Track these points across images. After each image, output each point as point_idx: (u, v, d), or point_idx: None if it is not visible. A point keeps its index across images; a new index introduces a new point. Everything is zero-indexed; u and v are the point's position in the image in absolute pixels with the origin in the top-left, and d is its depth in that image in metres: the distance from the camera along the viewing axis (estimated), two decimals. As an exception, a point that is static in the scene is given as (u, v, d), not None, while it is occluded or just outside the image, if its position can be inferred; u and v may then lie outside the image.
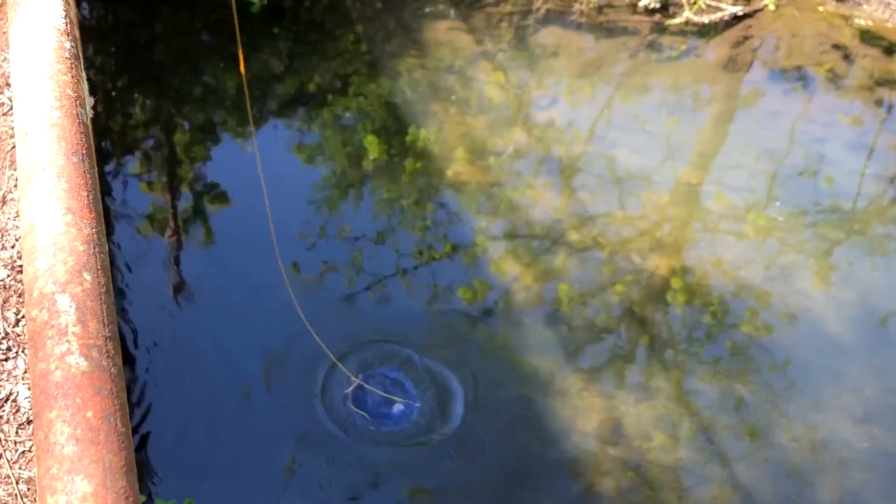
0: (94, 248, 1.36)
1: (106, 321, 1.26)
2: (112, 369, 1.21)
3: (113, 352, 1.24)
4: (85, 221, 1.39)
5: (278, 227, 3.95)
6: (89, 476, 1.10)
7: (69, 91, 1.58)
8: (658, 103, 4.80)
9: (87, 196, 1.44)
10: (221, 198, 4.18)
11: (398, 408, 3.27)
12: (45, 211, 1.39)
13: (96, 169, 1.49)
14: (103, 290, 1.30)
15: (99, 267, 1.32)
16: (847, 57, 5.01)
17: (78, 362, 1.21)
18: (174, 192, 4.22)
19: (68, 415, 1.17)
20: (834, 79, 4.90)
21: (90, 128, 1.50)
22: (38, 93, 1.54)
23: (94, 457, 1.12)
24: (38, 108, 1.50)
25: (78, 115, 1.52)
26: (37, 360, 1.22)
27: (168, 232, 4.01)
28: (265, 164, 4.40)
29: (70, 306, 1.27)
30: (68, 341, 1.22)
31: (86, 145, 1.50)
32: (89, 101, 1.65)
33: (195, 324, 3.54)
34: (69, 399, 1.17)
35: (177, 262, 3.89)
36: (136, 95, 4.58)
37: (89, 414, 1.17)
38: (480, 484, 3.12)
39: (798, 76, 4.93)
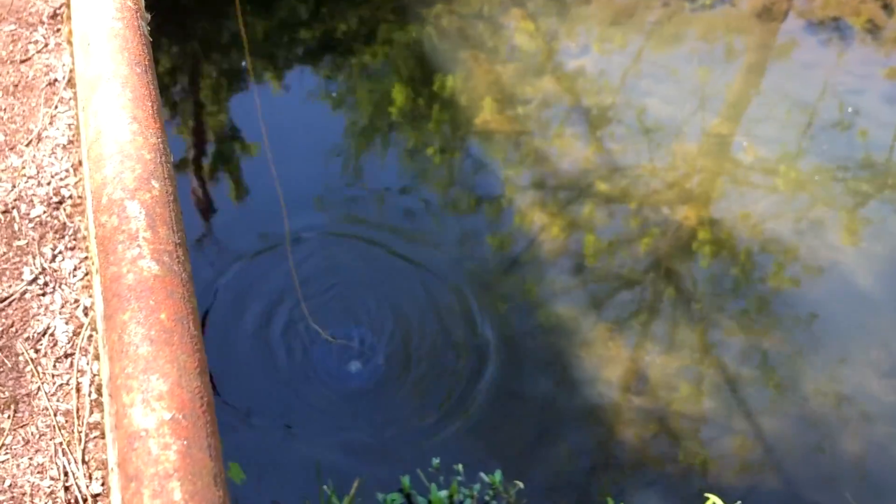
0: (161, 158, 1.36)
1: (175, 228, 1.26)
2: (183, 274, 1.21)
3: (183, 258, 1.24)
4: (151, 131, 1.39)
5: (303, 174, 3.94)
6: (164, 375, 1.11)
7: (130, 3, 1.56)
8: (690, 53, 4.73)
9: (152, 106, 1.44)
10: (244, 143, 4.17)
11: (357, 365, 3.27)
12: (111, 119, 1.38)
13: (157, 81, 1.49)
14: (171, 198, 1.30)
15: (166, 176, 1.32)
16: (886, 7, 4.91)
17: (150, 266, 1.21)
18: (199, 136, 4.21)
19: (142, 316, 1.17)
20: (872, 30, 4.82)
21: (150, 41, 1.49)
22: (100, 3, 1.52)
23: (169, 357, 1.12)
24: (100, 19, 1.49)
25: (139, 26, 1.51)
26: (108, 265, 1.22)
27: (191, 177, 4.00)
28: (289, 111, 4.38)
29: (140, 212, 1.26)
30: (139, 246, 1.22)
31: (148, 57, 1.50)
32: (146, 16, 1.63)
33: (209, 270, 3.53)
34: (142, 301, 1.17)
35: (201, 210, 3.88)
36: (161, 40, 4.55)
37: (163, 316, 1.17)
38: (505, 431, 3.13)
39: (834, 27, 4.85)
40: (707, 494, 2.77)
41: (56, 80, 2.82)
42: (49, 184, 2.54)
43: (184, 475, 1.03)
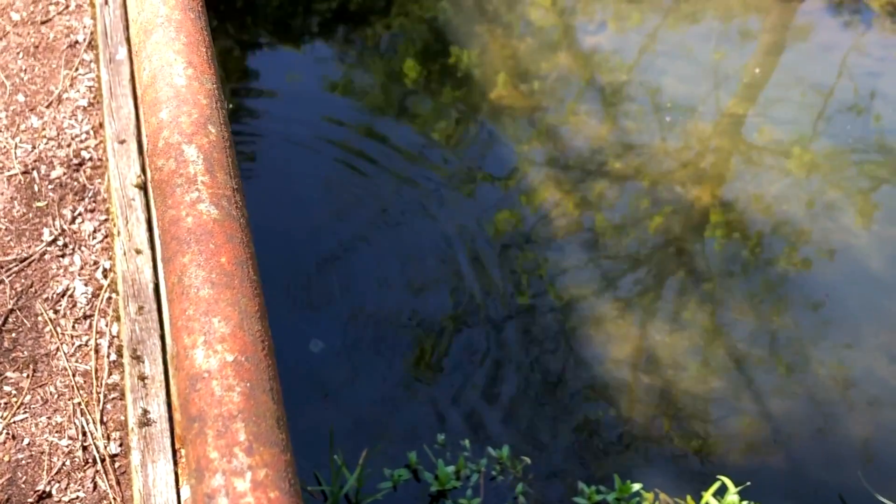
0: (217, 103, 1.34)
1: (232, 174, 1.24)
2: (241, 220, 1.19)
3: (241, 204, 1.22)
4: (206, 76, 1.37)
5: (313, 149, 3.91)
6: (226, 318, 1.09)
7: (178, -54, 1.53)
8: (707, 32, 4.71)
9: (206, 52, 1.42)
10: (257, 114, 4.13)
11: (319, 345, 3.26)
12: (166, 63, 1.35)
13: (209, 27, 1.47)
14: (227, 143, 1.28)
15: (222, 122, 1.30)
16: (907, -11, 4.91)
17: (209, 210, 1.19)
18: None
19: (202, 259, 1.15)
20: (892, 12, 4.81)
21: (199, -15, 1.48)
22: (150, -56, 1.50)
23: (230, 300, 1.10)
24: (150, -40, 1.46)
25: (189, -31, 1.49)
26: (166, 208, 1.21)
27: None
28: (302, 83, 4.33)
29: (198, 156, 1.24)
30: (198, 190, 1.20)
31: (200, 2, 1.47)
32: (193, -39, 1.61)
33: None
34: (202, 244, 1.15)
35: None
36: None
37: (223, 259, 1.15)
38: (511, 406, 3.12)
39: (855, 8, 4.84)
40: (718, 476, 2.77)
41: (77, 41, 2.77)
42: (69, 146, 2.51)
43: (248, 416, 1.01)
